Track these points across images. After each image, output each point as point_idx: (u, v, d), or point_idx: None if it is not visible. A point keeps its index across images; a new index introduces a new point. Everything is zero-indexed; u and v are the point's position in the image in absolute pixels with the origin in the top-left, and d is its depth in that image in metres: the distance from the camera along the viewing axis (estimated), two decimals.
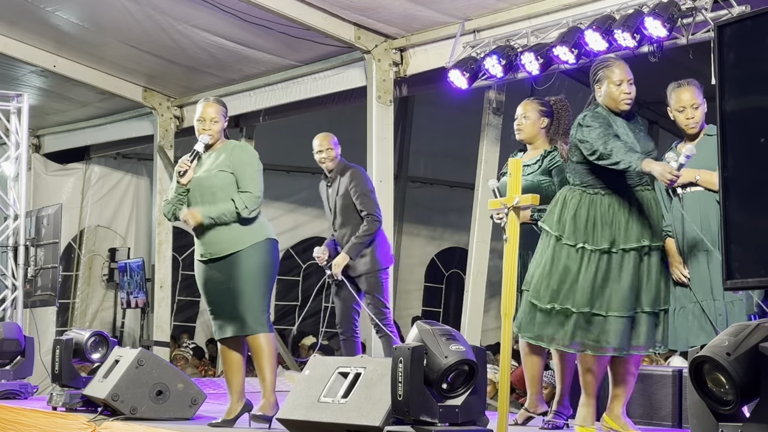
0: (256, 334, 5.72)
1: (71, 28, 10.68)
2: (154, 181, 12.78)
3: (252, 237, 5.74)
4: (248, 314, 5.70)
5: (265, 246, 5.78)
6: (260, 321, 5.72)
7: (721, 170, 3.78)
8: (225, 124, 5.94)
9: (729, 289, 4.28)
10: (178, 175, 5.86)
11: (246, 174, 5.78)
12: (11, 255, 10.54)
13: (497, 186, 5.56)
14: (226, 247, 5.74)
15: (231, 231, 5.75)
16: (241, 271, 5.71)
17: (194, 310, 14.37)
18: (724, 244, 3.74)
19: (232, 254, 5.73)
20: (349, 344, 7.67)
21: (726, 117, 3.76)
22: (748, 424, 3.64)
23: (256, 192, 5.76)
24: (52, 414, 6.95)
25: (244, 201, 5.73)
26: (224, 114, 5.94)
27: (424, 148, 14.62)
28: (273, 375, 5.76)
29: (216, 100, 5.96)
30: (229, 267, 5.73)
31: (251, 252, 5.72)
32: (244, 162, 5.81)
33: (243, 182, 5.77)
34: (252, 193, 5.75)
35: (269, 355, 5.74)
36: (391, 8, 9.14)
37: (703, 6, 7.26)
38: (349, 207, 7.62)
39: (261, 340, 5.72)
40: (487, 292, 9.91)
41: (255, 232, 5.76)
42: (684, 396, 5.93)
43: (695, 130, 5.31)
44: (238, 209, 5.72)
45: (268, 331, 5.74)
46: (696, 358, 3.75)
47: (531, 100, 6.20)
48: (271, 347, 5.75)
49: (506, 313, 4.77)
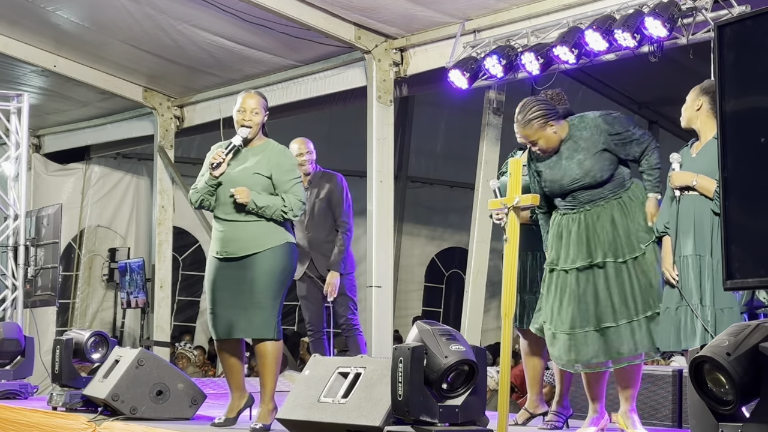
0: (263, 338, 5.62)
1: (71, 27, 10.68)
2: (155, 181, 12.77)
3: (272, 239, 5.61)
4: (259, 318, 5.57)
5: (284, 249, 5.63)
6: (270, 326, 5.59)
7: (721, 170, 3.77)
8: (265, 118, 5.80)
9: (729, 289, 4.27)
10: (211, 167, 5.66)
11: (289, 181, 5.65)
12: (11, 255, 10.54)
13: (498, 186, 5.56)
14: (245, 247, 5.61)
15: (253, 231, 5.61)
16: (258, 273, 5.58)
17: (194, 310, 14.37)
18: (724, 244, 3.74)
19: (251, 255, 5.60)
20: (317, 344, 7.76)
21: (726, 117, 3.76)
22: (748, 424, 3.64)
23: (301, 197, 5.65)
24: (52, 414, 6.95)
25: (292, 204, 5.60)
26: (265, 107, 5.81)
27: (424, 148, 14.63)
28: (274, 382, 5.65)
29: (257, 92, 5.85)
30: (246, 268, 5.60)
31: (270, 255, 5.59)
32: (286, 168, 5.67)
33: (285, 188, 5.63)
34: (298, 197, 5.63)
35: (273, 362, 5.63)
36: (392, 8, 9.14)
37: (703, 6, 7.26)
38: (328, 212, 7.70)
39: (268, 346, 5.62)
40: (487, 292, 9.91)
41: (276, 235, 5.62)
42: (684, 396, 5.93)
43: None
44: (285, 209, 5.59)
45: (276, 337, 5.61)
46: (696, 358, 3.75)
47: None
48: (276, 354, 5.63)
49: (506, 313, 4.77)
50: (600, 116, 5.40)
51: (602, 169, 5.30)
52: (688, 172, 5.22)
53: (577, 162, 5.31)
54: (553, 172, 5.37)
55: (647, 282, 5.26)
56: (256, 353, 5.71)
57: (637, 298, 5.24)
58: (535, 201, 4.97)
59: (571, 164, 5.32)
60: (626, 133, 5.34)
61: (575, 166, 5.31)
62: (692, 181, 5.18)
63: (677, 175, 5.26)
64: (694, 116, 5.32)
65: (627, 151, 5.34)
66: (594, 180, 5.30)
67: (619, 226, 5.29)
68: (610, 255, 5.25)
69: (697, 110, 5.29)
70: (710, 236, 5.09)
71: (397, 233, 14.06)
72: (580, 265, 5.27)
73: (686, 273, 5.16)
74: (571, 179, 5.31)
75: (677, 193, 5.25)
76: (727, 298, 4.98)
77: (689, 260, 5.16)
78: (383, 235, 9.60)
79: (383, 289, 9.56)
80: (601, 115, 5.40)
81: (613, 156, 5.33)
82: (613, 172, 5.34)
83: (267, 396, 5.65)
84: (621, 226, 5.29)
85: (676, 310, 5.20)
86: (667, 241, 5.31)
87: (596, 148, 5.31)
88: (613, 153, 5.33)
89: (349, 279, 7.75)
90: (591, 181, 5.30)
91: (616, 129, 5.33)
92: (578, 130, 5.36)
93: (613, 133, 5.33)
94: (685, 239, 5.16)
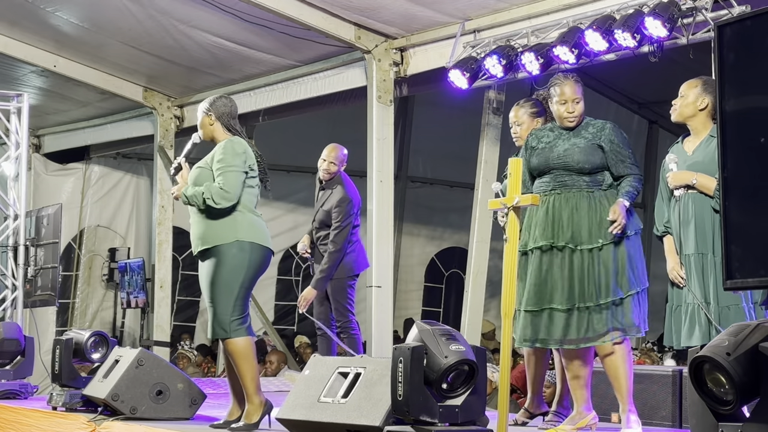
0: (222, 338, 5.61)
1: (71, 28, 10.68)
2: (154, 181, 12.78)
3: (220, 237, 5.58)
4: (214, 317, 5.59)
5: (238, 247, 5.57)
6: (224, 326, 5.56)
7: (721, 170, 3.78)
8: (214, 121, 5.77)
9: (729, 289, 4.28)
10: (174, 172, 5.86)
11: (217, 170, 5.61)
12: (11, 255, 10.53)
13: (501, 189, 5.59)
14: (199, 243, 5.65)
15: (201, 227, 5.63)
16: (212, 270, 5.59)
17: (194, 310, 14.37)
18: (724, 244, 3.74)
19: (205, 251, 5.60)
20: (324, 340, 7.83)
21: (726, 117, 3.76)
22: (748, 424, 3.64)
23: (226, 187, 5.54)
24: (52, 414, 6.95)
25: (211, 191, 5.54)
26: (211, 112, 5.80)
27: (424, 148, 14.63)
28: (252, 380, 5.59)
29: (207, 99, 5.87)
30: (205, 265, 5.65)
31: (222, 251, 5.56)
32: (217, 158, 5.65)
33: (215, 174, 5.60)
34: (221, 186, 5.54)
35: (242, 358, 5.57)
36: (392, 8, 9.14)
37: (703, 6, 7.26)
38: (327, 222, 7.77)
39: (230, 344, 5.58)
40: (487, 292, 9.91)
41: (225, 232, 5.58)
42: (684, 396, 5.93)
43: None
44: (205, 196, 5.54)
45: (231, 336, 5.55)
46: (696, 358, 3.75)
47: (520, 105, 6.15)
48: (242, 351, 5.57)
49: (506, 313, 4.77)
50: (611, 125, 5.49)
51: (588, 160, 5.38)
52: (687, 172, 5.22)
53: (571, 144, 5.44)
54: (548, 147, 5.49)
55: (598, 274, 5.29)
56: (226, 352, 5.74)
57: (586, 286, 5.27)
58: (535, 201, 4.98)
59: (565, 144, 5.45)
60: (623, 151, 5.41)
61: (568, 146, 5.44)
62: (692, 180, 5.18)
63: (676, 175, 5.26)
64: (694, 113, 5.32)
65: (616, 166, 5.40)
66: (575, 163, 5.37)
67: (583, 216, 5.35)
68: (571, 241, 5.32)
69: (700, 109, 5.30)
70: (712, 234, 5.09)
71: (397, 233, 14.05)
72: (542, 244, 5.37)
73: (689, 271, 5.17)
74: (557, 155, 5.43)
75: (677, 192, 5.25)
76: (731, 295, 4.99)
77: (692, 259, 5.17)
78: (383, 235, 9.61)
79: (383, 289, 9.56)
80: (613, 126, 5.48)
81: (603, 156, 5.36)
82: (597, 169, 5.39)
83: (249, 394, 5.61)
84: (585, 217, 5.34)
85: (678, 309, 5.21)
86: (670, 241, 5.31)
87: (594, 141, 5.40)
88: (605, 155, 5.36)
89: (346, 283, 7.78)
90: (571, 163, 5.38)
91: (618, 140, 5.40)
92: (589, 125, 5.47)
93: (615, 142, 5.38)
94: (687, 238, 5.17)
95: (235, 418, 5.79)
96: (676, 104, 5.40)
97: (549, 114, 6.08)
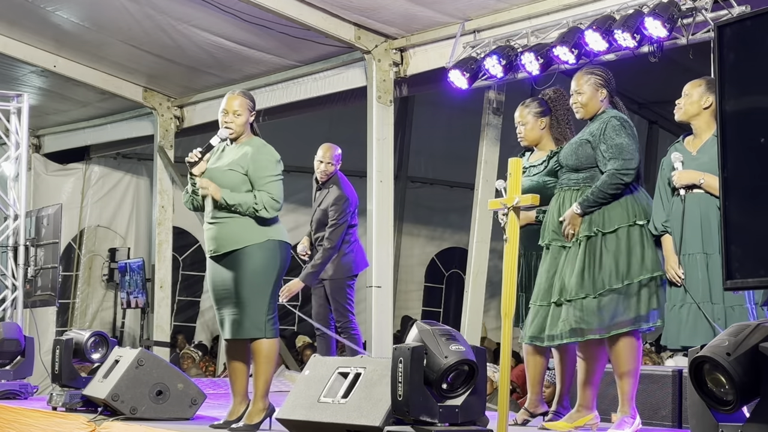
0: (254, 338, 5.59)
1: (71, 27, 10.68)
2: (154, 181, 12.78)
3: (252, 237, 5.57)
4: (247, 316, 5.55)
5: (266, 247, 5.58)
6: (259, 325, 5.56)
7: (721, 170, 3.77)
8: (251, 118, 5.77)
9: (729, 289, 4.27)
10: (189, 166, 5.72)
11: (263, 177, 5.60)
12: (11, 255, 10.54)
13: (504, 187, 5.58)
14: (224, 244, 5.60)
15: (231, 228, 5.59)
16: (241, 271, 5.56)
17: (194, 310, 14.37)
18: (724, 245, 3.74)
19: (234, 252, 5.57)
20: (323, 340, 7.86)
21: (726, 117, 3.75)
22: (748, 424, 3.64)
23: (277, 197, 5.58)
24: (52, 414, 6.95)
25: (264, 202, 5.55)
26: (250, 107, 5.76)
27: (424, 148, 14.64)
28: (266, 383, 5.59)
29: (242, 92, 5.81)
30: (230, 266, 5.59)
31: (250, 252, 5.56)
32: (262, 165, 5.62)
33: (259, 184, 5.59)
34: (273, 197, 5.56)
35: (266, 360, 5.58)
36: (391, 8, 9.14)
37: (703, 6, 7.26)
38: (324, 221, 7.80)
39: (259, 344, 5.58)
40: (487, 292, 9.91)
41: (255, 233, 5.58)
42: (684, 396, 5.93)
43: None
44: (257, 206, 5.53)
45: (266, 336, 5.57)
46: (696, 358, 3.75)
47: (525, 105, 6.12)
48: (270, 353, 5.59)
49: (506, 313, 4.77)
50: (613, 116, 5.44)
51: (573, 157, 5.44)
52: (694, 171, 5.22)
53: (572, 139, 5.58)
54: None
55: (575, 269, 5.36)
56: (251, 351, 5.69)
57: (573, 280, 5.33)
58: (535, 201, 4.97)
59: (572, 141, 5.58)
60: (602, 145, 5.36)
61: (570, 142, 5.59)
62: (699, 180, 5.18)
63: (683, 174, 5.25)
64: (698, 112, 5.31)
65: (599, 162, 5.38)
66: (563, 160, 5.51)
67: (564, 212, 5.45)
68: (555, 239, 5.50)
69: (705, 108, 5.30)
70: (717, 234, 5.08)
71: (397, 233, 14.06)
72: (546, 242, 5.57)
73: (694, 271, 5.17)
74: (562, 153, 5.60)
75: (682, 192, 5.24)
76: (737, 295, 4.99)
77: (697, 258, 5.16)
78: (383, 235, 9.61)
79: (383, 289, 9.56)
80: (613, 117, 5.44)
81: (590, 152, 5.37)
82: (588, 166, 5.41)
83: (257, 395, 5.61)
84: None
85: (680, 308, 5.21)
86: (668, 240, 5.30)
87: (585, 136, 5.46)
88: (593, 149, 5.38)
89: (345, 283, 7.81)
90: (562, 161, 5.53)
91: (606, 133, 5.38)
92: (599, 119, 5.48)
93: (597, 135, 5.40)
94: (692, 237, 5.16)
95: (236, 418, 5.79)
96: (681, 103, 5.39)
97: (554, 113, 6.10)
